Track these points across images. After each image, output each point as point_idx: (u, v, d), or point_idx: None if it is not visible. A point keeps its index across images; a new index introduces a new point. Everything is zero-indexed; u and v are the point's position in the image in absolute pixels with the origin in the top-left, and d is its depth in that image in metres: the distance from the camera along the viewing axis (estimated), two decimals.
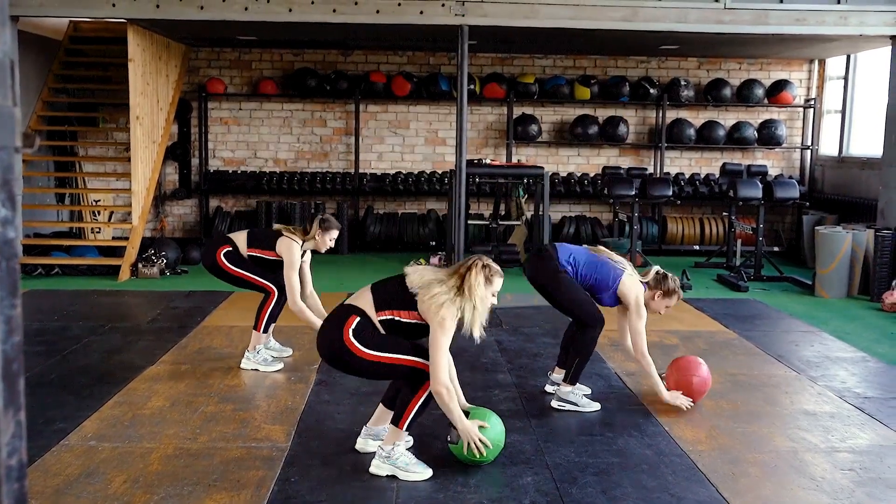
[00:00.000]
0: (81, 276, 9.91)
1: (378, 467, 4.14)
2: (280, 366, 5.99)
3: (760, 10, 9.50)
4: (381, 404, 4.45)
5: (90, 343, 6.66)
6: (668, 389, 5.26)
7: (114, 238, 11.49)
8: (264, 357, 6.02)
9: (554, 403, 5.29)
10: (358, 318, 4.05)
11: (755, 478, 4.21)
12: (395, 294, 4.10)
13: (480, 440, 4.09)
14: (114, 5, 9.35)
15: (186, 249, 10.85)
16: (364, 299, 4.13)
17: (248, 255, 5.98)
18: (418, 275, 4.11)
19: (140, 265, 9.96)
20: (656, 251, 12.36)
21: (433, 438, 4.56)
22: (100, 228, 11.60)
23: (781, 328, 7.75)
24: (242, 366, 5.99)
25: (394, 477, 4.09)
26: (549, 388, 5.58)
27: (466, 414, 4.20)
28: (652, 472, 4.26)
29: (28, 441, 1.33)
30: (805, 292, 9.64)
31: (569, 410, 5.21)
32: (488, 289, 4.14)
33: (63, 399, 5.25)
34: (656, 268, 5.29)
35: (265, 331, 6.08)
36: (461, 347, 6.63)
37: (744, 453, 4.53)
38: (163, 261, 10.08)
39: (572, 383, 5.28)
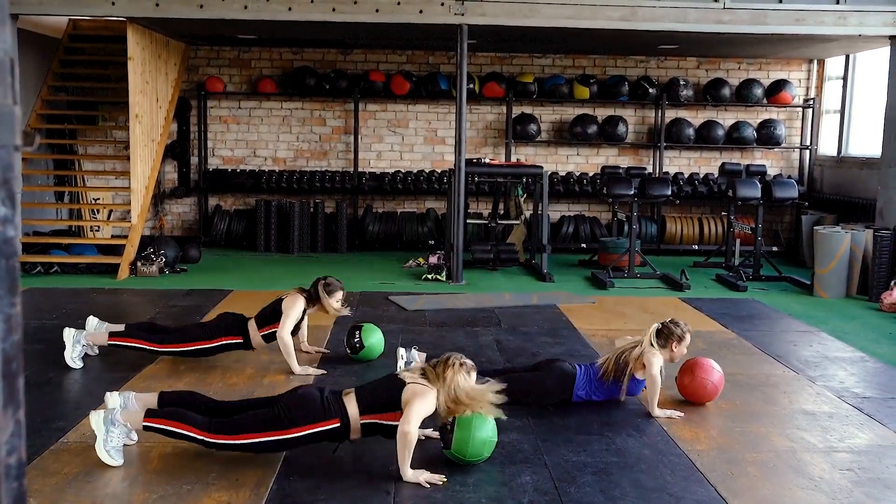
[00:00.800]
0: (80, 275, 9.90)
1: (97, 425, 4.17)
2: None
3: (759, 9, 9.50)
4: None
5: None
6: (682, 387, 5.34)
7: (113, 236, 11.49)
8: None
9: None
10: (336, 425, 4.12)
11: (754, 477, 4.21)
12: (384, 398, 4.14)
13: (427, 480, 4.05)
14: (113, 4, 9.35)
15: (185, 248, 10.85)
16: (351, 404, 4.16)
17: (262, 335, 5.88)
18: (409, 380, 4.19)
19: (139, 263, 9.96)
20: (655, 251, 12.37)
21: (430, 440, 4.55)
22: (99, 227, 11.60)
23: (780, 328, 7.75)
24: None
25: (392, 476, 4.08)
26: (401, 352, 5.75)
27: (453, 422, 4.20)
28: (651, 471, 4.26)
29: (26, 440, 1.33)
30: (804, 292, 9.65)
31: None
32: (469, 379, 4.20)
33: (61, 398, 5.25)
34: (653, 327, 5.24)
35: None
36: (459, 346, 6.64)
37: (742, 453, 4.54)
38: (162, 259, 10.08)
39: None
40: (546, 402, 5.19)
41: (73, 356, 5.88)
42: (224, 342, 5.86)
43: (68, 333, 5.92)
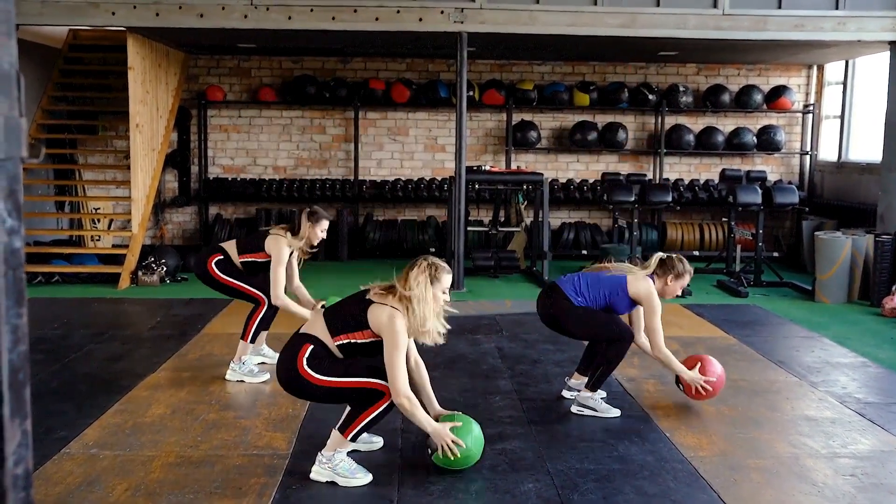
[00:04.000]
0: (81, 284, 9.91)
1: (318, 473, 4.13)
2: (266, 376, 5.90)
3: (759, 16, 9.52)
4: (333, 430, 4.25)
5: (90, 351, 6.66)
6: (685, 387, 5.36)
7: (114, 246, 11.49)
8: (250, 368, 5.98)
9: (574, 409, 5.31)
10: (311, 347, 4.06)
11: (757, 484, 4.21)
12: (350, 316, 4.10)
13: (453, 440, 4.07)
14: (113, 14, 9.37)
15: (186, 257, 10.84)
16: (318, 326, 4.13)
17: (241, 262, 5.96)
18: (375, 290, 4.15)
19: (140, 273, 9.96)
20: None
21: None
22: (99, 236, 11.60)
23: (782, 334, 7.75)
24: (228, 377, 5.93)
25: (395, 483, 4.09)
26: (565, 394, 5.60)
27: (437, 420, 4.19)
28: (653, 478, 4.26)
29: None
30: (805, 298, 9.65)
31: (587, 415, 5.22)
32: (436, 287, 4.10)
33: (64, 407, 5.25)
34: (657, 255, 5.34)
35: (253, 340, 6.05)
36: (460, 354, 6.65)
37: (745, 459, 4.53)
38: (163, 268, 10.08)
39: (593, 390, 5.31)
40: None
41: (253, 376, 5.94)
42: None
43: (230, 375, 5.95)
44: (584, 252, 12.32)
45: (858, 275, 9.40)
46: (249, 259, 5.96)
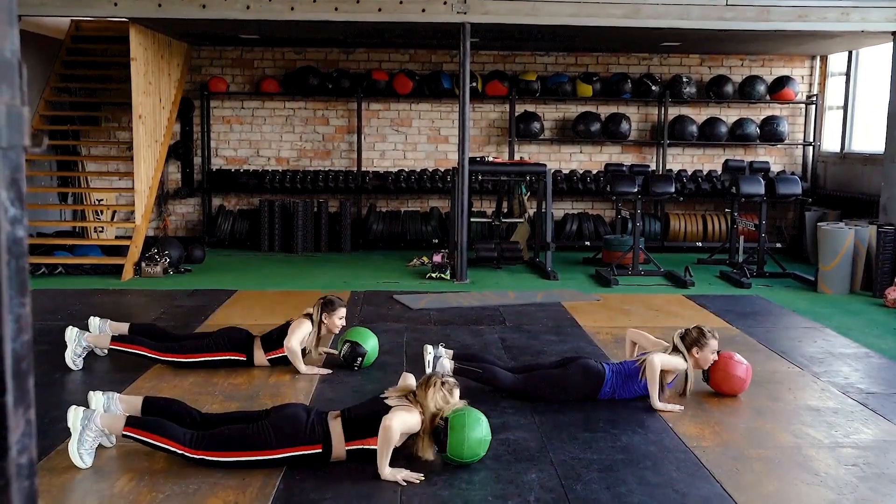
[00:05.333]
0: (85, 276, 9.92)
1: (73, 417, 4.17)
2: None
3: (762, 6, 9.49)
4: None
5: None
6: (710, 378, 5.43)
7: (117, 237, 11.50)
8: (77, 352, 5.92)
9: (430, 356, 5.55)
10: (318, 451, 4.16)
11: (759, 473, 4.22)
12: (369, 422, 4.16)
13: (407, 475, 4.07)
14: (116, 4, 9.36)
15: (189, 248, 10.86)
16: (336, 428, 4.20)
17: (268, 360, 5.93)
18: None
19: (143, 264, 9.97)
20: (659, 248, 12.36)
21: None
22: (103, 227, 11.61)
23: (784, 324, 7.75)
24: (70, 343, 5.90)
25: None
26: (428, 350, 5.68)
27: (446, 421, 4.20)
28: (656, 468, 4.27)
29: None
30: (808, 288, 9.64)
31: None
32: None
33: (68, 398, 5.25)
34: (674, 335, 5.35)
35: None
36: (464, 344, 6.65)
37: (747, 449, 4.54)
38: (166, 260, 10.09)
39: (454, 373, 5.36)
40: (571, 397, 5.26)
41: (73, 356, 5.85)
42: (227, 357, 5.89)
43: (70, 333, 5.90)
44: (588, 243, 12.32)
45: (861, 265, 9.40)
46: (276, 356, 5.92)
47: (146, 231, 10.71)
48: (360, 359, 5.93)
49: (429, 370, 5.45)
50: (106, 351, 6.12)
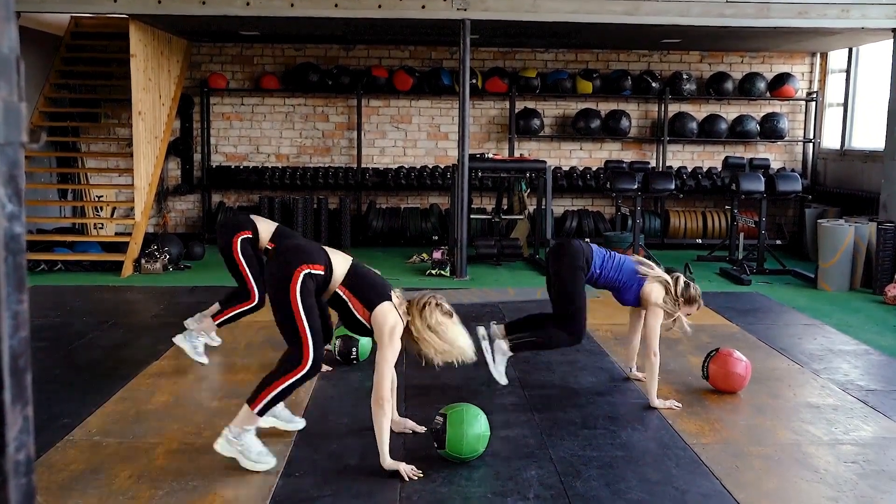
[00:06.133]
0: (84, 272, 9.91)
1: (224, 448, 4.10)
2: (206, 360, 5.89)
3: (762, 3, 9.49)
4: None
5: (94, 339, 6.67)
6: (710, 376, 5.44)
7: (116, 234, 11.49)
8: (200, 347, 5.91)
9: (485, 344, 5.40)
10: (320, 273, 4.06)
11: (759, 470, 4.22)
12: (367, 287, 4.13)
13: (412, 469, 4.04)
14: (115, 1, 9.35)
15: (189, 245, 10.86)
16: (339, 267, 4.15)
17: (268, 248, 5.78)
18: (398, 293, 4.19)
19: (143, 261, 9.97)
20: (659, 245, 12.36)
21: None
22: (102, 224, 11.60)
23: (784, 321, 7.75)
24: (175, 340, 5.92)
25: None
26: (480, 330, 5.48)
27: (444, 418, 4.19)
28: (656, 465, 4.27)
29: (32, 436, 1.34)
30: (808, 285, 9.64)
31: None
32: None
33: (67, 395, 5.26)
34: (679, 276, 5.41)
35: (221, 325, 5.98)
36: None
37: (747, 446, 4.54)
38: (166, 256, 10.09)
39: (513, 351, 5.42)
40: (579, 264, 5.31)
41: (196, 354, 5.86)
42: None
43: (180, 339, 5.90)
44: (587, 240, 12.30)
45: (861, 263, 9.40)
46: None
47: (146, 228, 10.70)
48: (354, 350, 5.93)
49: (488, 357, 5.37)
50: (217, 338, 6.25)
